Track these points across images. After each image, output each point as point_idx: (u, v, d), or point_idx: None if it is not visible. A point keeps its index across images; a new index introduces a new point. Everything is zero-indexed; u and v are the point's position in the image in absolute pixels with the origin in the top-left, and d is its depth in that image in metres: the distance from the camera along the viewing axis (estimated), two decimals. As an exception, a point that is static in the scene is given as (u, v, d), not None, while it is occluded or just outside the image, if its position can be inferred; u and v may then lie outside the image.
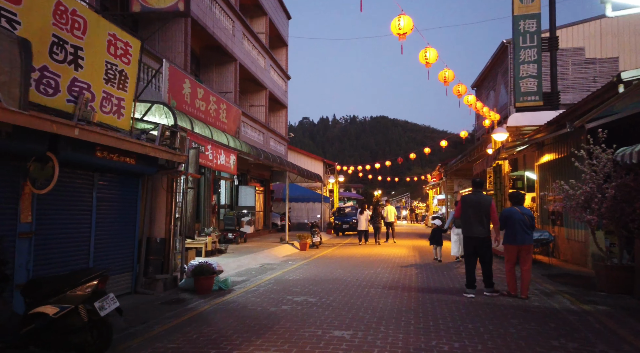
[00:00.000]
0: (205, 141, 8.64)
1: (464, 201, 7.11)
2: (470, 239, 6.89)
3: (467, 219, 6.91)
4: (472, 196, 7.08)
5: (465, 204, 7.00)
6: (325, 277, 8.52)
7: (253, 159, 12.39)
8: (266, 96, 20.15)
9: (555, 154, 12.53)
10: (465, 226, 6.99)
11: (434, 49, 9.62)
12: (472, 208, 6.86)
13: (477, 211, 6.81)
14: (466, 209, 6.95)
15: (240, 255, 11.46)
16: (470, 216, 6.84)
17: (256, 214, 19.10)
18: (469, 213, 6.87)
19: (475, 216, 6.79)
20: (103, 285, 3.94)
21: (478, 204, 6.84)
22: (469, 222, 6.87)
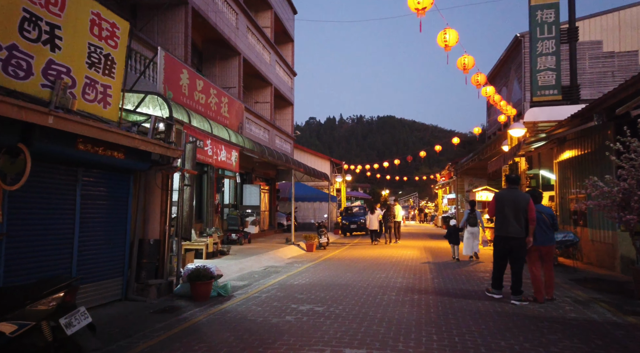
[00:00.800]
0: (204, 136, 8.03)
1: (499, 198, 6.52)
2: (505, 239, 6.32)
3: (502, 217, 6.36)
4: (507, 193, 6.53)
5: (500, 202, 6.43)
6: (333, 282, 7.87)
7: (257, 156, 11.78)
8: (271, 92, 19.55)
9: (578, 150, 11.77)
10: (499, 225, 6.41)
11: (454, 31, 8.88)
12: (508, 205, 6.31)
13: (514, 209, 6.27)
14: (501, 207, 6.38)
15: (243, 257, 10.86)
16: (506, 214, 6.29)
17: (261, 214, 18.50)
18: (505, 211, 6.32)
19: (512, 215, 6.26)
20: (71, 297, 3.33)
21: (515, 202, 6.30)
22: (504, 221, 6.31)
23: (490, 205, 6.89)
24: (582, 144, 11.56)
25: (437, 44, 8.82)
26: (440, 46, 8.69)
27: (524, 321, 5.11)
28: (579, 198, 11.99)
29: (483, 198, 18.13)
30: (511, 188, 6.67)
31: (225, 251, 11.26)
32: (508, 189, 6.71)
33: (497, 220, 6.52)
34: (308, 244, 14.64)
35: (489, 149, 19.73)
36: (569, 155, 12.60)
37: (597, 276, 8.76)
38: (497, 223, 6.48)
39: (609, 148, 10.17)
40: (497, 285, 6.44)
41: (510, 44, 24.11)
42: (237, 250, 12.61)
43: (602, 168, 10.35)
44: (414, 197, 70.67)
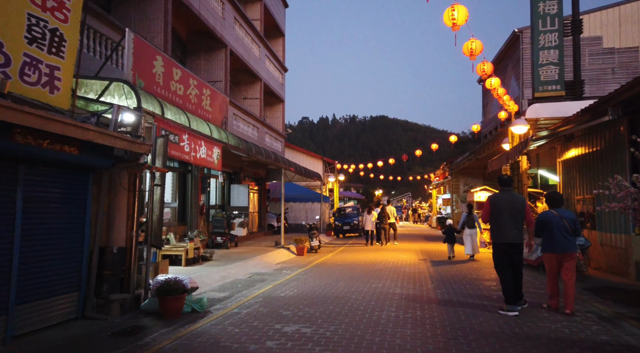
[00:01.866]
0: (179, 130, 7.16)
1: (494, 202, 6.02)
2: (505, 246, 5.88)
3: (499, 223, 5.90)
4: (502, 196, 6.05)
5: (495, 206, 5.95)
6: (324, 293, 7.04)
7: (243, 154, 10.92)
8: (261, 87, 18.67)
9: (586, 147, 11.06)
10: (496, 231, 5.94)
11: (463, 7, 8.03)
12: (505, 209, 5.87)
13: (511, 212, 5.84)
14: (497, 211, 5.91)
15: (228, 263, 9.99)
16: (504, 219, 5.85)
17: (250, 216, 17.62)
18: (502, 216, 5.86)
19: (509, 219, 5.83)
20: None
21: (511, 205, 5.87)
22: (502, 226, 5.86)
23: (484, 210, 6.23)
24: (590, 141, 10.85)
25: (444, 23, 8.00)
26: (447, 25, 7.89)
27: (551, 347, 4.31)
28: (586, 198, 11.29)
29: (482, 198, 17.41)
30: (505, 190, 6.14)
31: (208, 256, 10.38)
32: (502, 192, 6.16)
33: (493, 226, 6.01)
34: (298, 247, 13.80)
35: (487, 148, 19.02)
36: (574, 153, 11.88)
37: (612, 284, 8.03)
38: (494, 230, 5.98)
39: (621, 145, 9.50)
40: (510, 299, 5.76)
41: (508, 40, 23.47)
42: (222, 254, 11.74)
43: (613, 166, 9.64)
44: (407, 197, 70.15)
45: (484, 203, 6.41)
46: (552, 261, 5.91)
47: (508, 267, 5.88)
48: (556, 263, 5.88)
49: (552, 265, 5.92)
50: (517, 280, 5.87)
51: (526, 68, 22.02)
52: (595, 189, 10.59)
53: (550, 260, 5.94)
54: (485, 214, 6.18)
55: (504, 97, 12.52)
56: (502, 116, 16.99)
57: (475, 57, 9.63)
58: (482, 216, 6.43)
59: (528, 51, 21.96)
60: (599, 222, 10.43)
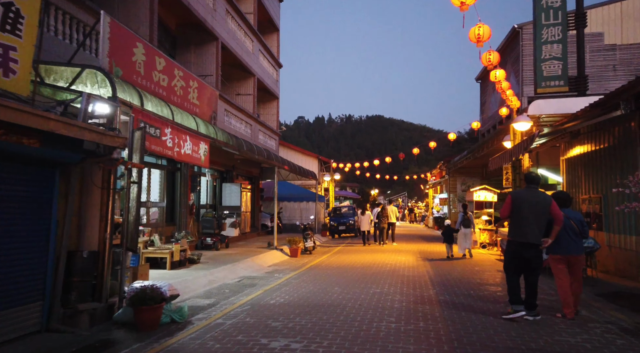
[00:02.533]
0: (161, 123, 6.58)
1: (517, 198, 5.69)
2: (522, 246, 5.52)
3: (519, 220, 5.57)
4: (527, 193, 5.71)
5: (517, 202, 5.61)
6: (318, 301, 6.49)
7: (232, 150, 10.34)
8: (254, 83, 18.09)
9: (592, 145, 10.57)
10: (516, 229, 5.62)
11: None
12: (528, 207, 5.53)
13: (534, 211, 5.50)
14: (519, 208, 5.57)
15: (216, 266, 9.42)
16: (525, 216, 5.52)
17: (242, 216, 17.04)
18: (523, 213, 5.53)
19: (531, 218, 5.49)
20: None
21: (535, 204, 5.54)
22: (522, 224, 5.53)
23: (505, 205, 5.86)
24: (597, 138, 10.36)
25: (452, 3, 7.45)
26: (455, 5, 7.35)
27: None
28: (592, 198, 10.81)
29: (481, 198, 16.95)
30: (530, 188, 5.79)
31: (196, 259, 9.81)
32: (527, 189, 5.81)
33: (513, 223, 5.69)
34: (292, 249, 13.26)
35: (486, 146, 18.53)
36: (580, 151, 11.40)
37: (624, 289, 7.54)
38: (513, 227, 5.67)
39: (631, 142, 9.01)
40: (516, 299, 5.55)
41: (507, 36, 23.02)
42: (210, 256, 11.16)
43: (622, 164, 9.16)
44: (403, 197, 69.80)
45: (506, 199, 5.99)
46: (558, 264, 5.68)
47: (519, 269, 5.62)
48: (564, 264, 5.67)
49: (559, 268, 5.67)
50: (532, 287, 5.51)
51: (526, 65, 21.58)
52: (604, 188, 10.16)
53: (557, 263, 5.71)
54: (505, 210, 5.77)
55: (507, 91, 12.02)
56: (503, 112, 16.50)
57: (482, 44, 9.09)
58: (501, 211, 6.00)
59: (528, 48, 21.51)
60: (606, 223, 9.95)
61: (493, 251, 14.51)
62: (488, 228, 16.15)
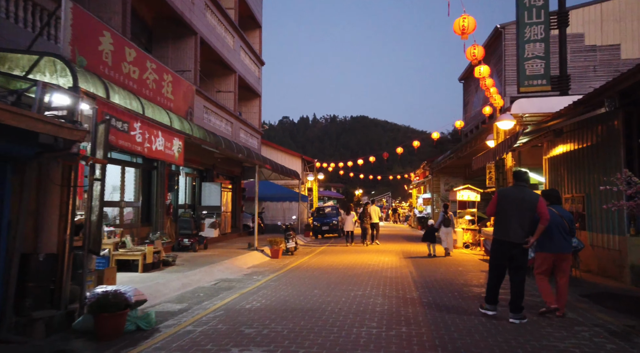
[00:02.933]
0: (129, 116, 6.18)
1: (502, 195, 5.60)
2: (505, 244, 5.42)
3: (503, 218, 5.49)
4: (513, 191, 5.62)
5: (503, 200, 5.53)
6: (296, 305, 6.17)
7: (210, 147, 9.95)
8: (235, 80, 17.67)
9: (575, 143, 10.52)
10: (499, 227, 5.52)
11: None
12: (512, 205, 5.42)
13: (519, 209, 5.38)
14: (504, 206, 5.48)
15: (192, 269, 9.02)
16: (509, 215, 5.42)
17: (223, 216, 16.60)
18: (508, 212, 5.44)
19: (515, 216, 5.38)
20: None
21: (521, 201, 5.40)
22: (505, 222, 5.44)
23: (490, 203, 5.77)
24: (580, 137, 10.31)
25: None
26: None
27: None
28: (575, 197, 10.76)
29: (464, 198, 16.88)
30: (518, 186, 5.67)
31: (171, 261, 9.38)
32: (514, 187, 5.70)
33: (497, 221, 5.61)
34: (273, 250, 12.90)
35: (469, 146, 18.48)
36: (563, 150, 11.35)
37: (608, 290, 7.44)
38: (497, 225, 5.58)
39: (615, 140, 8.94)
40: (491, 298, 5.52)
41: (490, 36, 23.08)
42: (187, 258, 10.73)
43: (606, 163, 9.09)
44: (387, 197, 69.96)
45: (493, 196, 5.90)
46: (547, 262, 5.60)
47: (503, 269, 5.50)
48: (551, 263, 5.60)
49: (545, 264, 5.61)
50: (519, 288, 5.32)
51: (508, 65, 21.66)
52: (587, 187, 10.10)
53: (545, 260, 5.62)
54: (490, 208, 5.69)
55: (491, 88, 11.90)
56: (487, 111, 16.45)
57: (467, 36, 8.89)
58: (488, 209, 5.87)
59: (510, 48, 21.59)
60: (589, 222, 9.90)
61: (476, 251, 14.42)
62: (471, 227, 16.07)
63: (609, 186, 5.67)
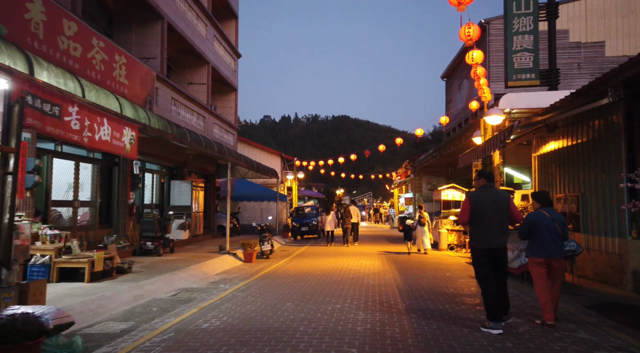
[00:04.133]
0: (62, 98, 5.12)
1: (475, 200, 5.12)
2: (489, 252, 5.02)
3: (482, 225, 5.03)
4: (484, 194, 5.16)
5: (477, 205, 5.06)
6: (263, 324, 5.23)
7: (172, 140, 8.88)
8: (208, 72, 16.57)
9: (569, 139, 9.86)
10: (480, 235, 5.06)
11: None
12: (488, 209, 5.03)
13: (497, 213, 5.03)
14: (480, 211, 5.03)
15: (150, 276, 7.96)
16: (488, 220, 5.01)
17: (194, 217, 15.49)
18: (486, 217, 5.02)
19: (495, 221, 5.01)
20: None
21: (496, 204, 5.05)
22: (485, 229, 5.02)
23: (462, 210, 5.27)
24: (574, 132, 9.64)
25: None
26: None
27: None
28: (568, 196, 10.11)
29: (449, 197, 16.20)
30: (487, 187, 5.26)
31: (126, 268, 8.30)
32: (485, 189, 5.24)
33: (475, 229, 5.12)
34: (246, 253, 11.91)
35: (453, 143, 17.84)
36: (554, 147, 10.70)
37: (613, 299, 6.75)
38: (476, 233, 5.11)
39: (615, 135, 8.27)
40: (496, 315, 4.85)
41: (474, 32, 22.49)
42: (148, 264, 9.65)
43: (604, 160, 8.41)
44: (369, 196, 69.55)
45: (463, 202, 5.50)
46: (538, 267, 5.27)
47: (491, 277, 5.04)
48: (544, 268, 5.26)
49: (539, 272, 5.26)
50: (502, 290, 5.08)
51: (493, 61, 21.17)
52: (582, 186, 9.45)
53: (536, 266, 5.29)
54: (463, 215, 5.20)
55: (481, 80, 11.20)
56: (474, 106, 15.81)
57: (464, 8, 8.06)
58: (460, 217, 5.36)
59: (495, 43, 21.10)
60: (584, 223, 9.24)
61: (462, 253, 13.73)
62: (455, 228, 15.39)
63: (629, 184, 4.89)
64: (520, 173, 18.15)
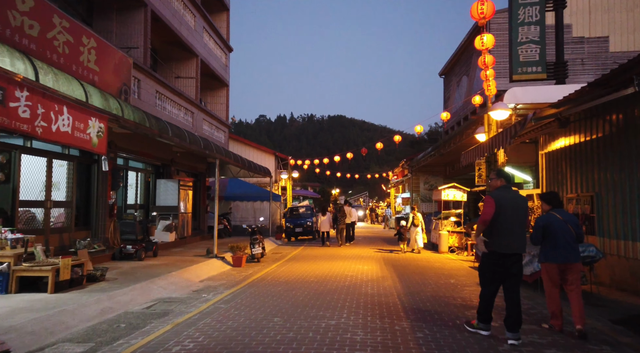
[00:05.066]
0: (8, 81, 4.32)
1: (500, 200, 4.68)
2: (508, 257, 4.65)
3: (504, 227, 4.65)
4: (507, 194, 4.81)
5: (501, 206, 4.66)
6: (245, 347, 4.46)
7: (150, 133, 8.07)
8: (197, 65, 15.75)
9: (583, 135, 9.16)
10: (502, 238, 4.65)
11: None
12: (511, 211, 4.68)
13: (518, 215, 4.73)
14: (503, 213, 4.64)
15: (125, 285, 7.16)
16: (511, 223, 4.66)
17: (182, 217, 14.67)
18: (509, 219, 4.66)
19: (517, 224, 4.70)
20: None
21: (518, 206, 4.75)
22: (508, 232, 4.65)
23: (487, 210, 4.70)
24: (589, 127, 8.94)
25: None
26: None
27: None
28: (581, 196, 9.41)
29: (449, 197, 15.46)
30: (507, 188, 4.93)
31: (98, 275, 7.49)
32: (504, 190, 4.88)
33: (495, 231, 4.68)
34: (235, 257, 11.12)
35: (453, 141, 17.15)
36: (565, 143, 10.00)
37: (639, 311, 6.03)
38: (499, 236, 4.67)
39: (636, 129, 7.61)
40: (486, 317, 4.79)
41: (473, 27, 21.84)
42: (126, 270, 8.84)
43: (623, 156, 7.71)
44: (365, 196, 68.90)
45: (486, 201, 4.78)
46: (553, 273, 5.00)
47: (498, 283, 4.75)
48: (558, 275, 4.99)
49: (552, 278, 5.01)
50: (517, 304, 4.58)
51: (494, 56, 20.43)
52: (597, 185, 8.77)
53: (550, 272, 5.03)
54: (488, 216, 4.65)
55: (488, 70, 10.47)
56: (477, 101, 15.08)
57: None
58: (484, 216, 4.70)
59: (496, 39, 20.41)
60: (600, 226, 8.53)
61: (463, 256, 13.03)
62: (457, 230, 14.68)
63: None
64: (521, 172, 17.48)
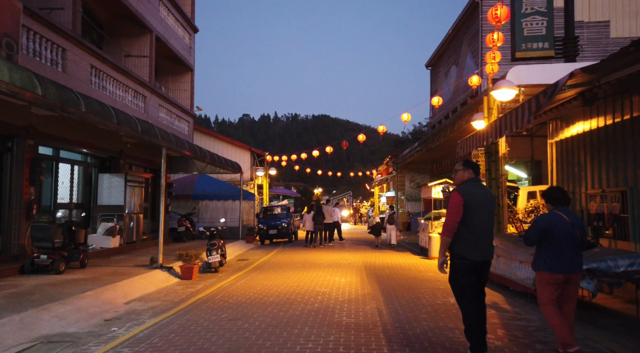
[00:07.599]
0: None
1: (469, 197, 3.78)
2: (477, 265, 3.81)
3: (472, 230, 3.78)
4: (474, 190, 3.88)
5: (470, 204, 3.77)
6: None
7: (38, 105, 5.94)
8: (151, 42, 13.60)
9: (611, 116, 7.40)
10: (470, 242, 3.77)
11: None
12: (482, 210, 3.83)
13: (486, 215, 3.88)
14: (474, 211, 3.77)
15: (7, 313, 5.05)
16: (481, 224, 3.81)
17: (131, 219, 12.50)
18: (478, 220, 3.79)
19: (487, 225, 3.88)
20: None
21: (488, 204, 3.92)
22: (478, 235, 3.79)
23: (453, 207, 3.83)
24: (618, 106, 7.19)
25: None
26: None
27: None
28: (607, 193, 7.65)
29: (440, 196, 13.70)
30: (475, 181, 4.04)
31: (-32, 301, 5.37)
32: (473, 183, 3.99)
33: (463, 234, 3.80)
34: (185, 267, 9.06)
35: (443, 133, 15.41)
36: (585, 127, 8.26)
37: None
38: (464, 239, 3.80)
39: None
40: (480, 346, 3.72)
41: (464, 11, 20.15)
42: (25, 289, 6.69)
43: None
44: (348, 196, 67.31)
45: (451, 199, 3.90)
46: (552, 287, 4.07)
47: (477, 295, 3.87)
48: (559, 286, 4.08)
49: (551, 294, 4.07)
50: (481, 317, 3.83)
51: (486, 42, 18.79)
52: (631, 178, 7.04)
53: (549, 285, 4.08)
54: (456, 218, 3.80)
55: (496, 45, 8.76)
56: (474, 81, 13.29)
57: None
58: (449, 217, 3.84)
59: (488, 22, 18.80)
60: (635, 229, 6.78)
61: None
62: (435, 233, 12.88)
63: None
64: (515, 168, 15.84)
